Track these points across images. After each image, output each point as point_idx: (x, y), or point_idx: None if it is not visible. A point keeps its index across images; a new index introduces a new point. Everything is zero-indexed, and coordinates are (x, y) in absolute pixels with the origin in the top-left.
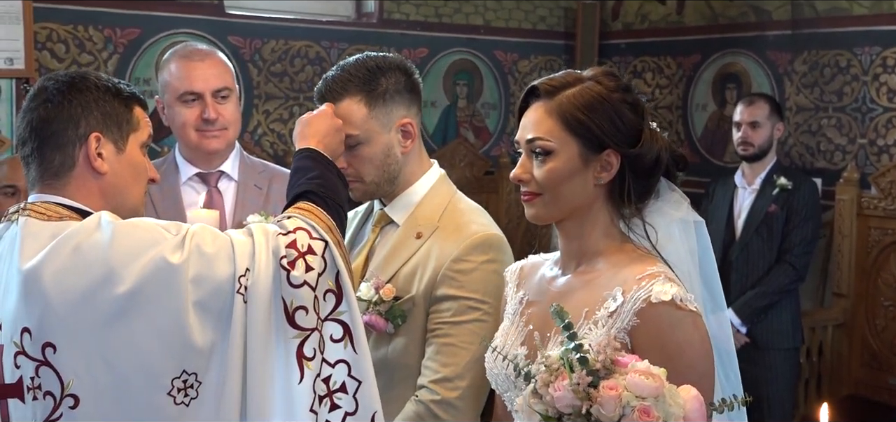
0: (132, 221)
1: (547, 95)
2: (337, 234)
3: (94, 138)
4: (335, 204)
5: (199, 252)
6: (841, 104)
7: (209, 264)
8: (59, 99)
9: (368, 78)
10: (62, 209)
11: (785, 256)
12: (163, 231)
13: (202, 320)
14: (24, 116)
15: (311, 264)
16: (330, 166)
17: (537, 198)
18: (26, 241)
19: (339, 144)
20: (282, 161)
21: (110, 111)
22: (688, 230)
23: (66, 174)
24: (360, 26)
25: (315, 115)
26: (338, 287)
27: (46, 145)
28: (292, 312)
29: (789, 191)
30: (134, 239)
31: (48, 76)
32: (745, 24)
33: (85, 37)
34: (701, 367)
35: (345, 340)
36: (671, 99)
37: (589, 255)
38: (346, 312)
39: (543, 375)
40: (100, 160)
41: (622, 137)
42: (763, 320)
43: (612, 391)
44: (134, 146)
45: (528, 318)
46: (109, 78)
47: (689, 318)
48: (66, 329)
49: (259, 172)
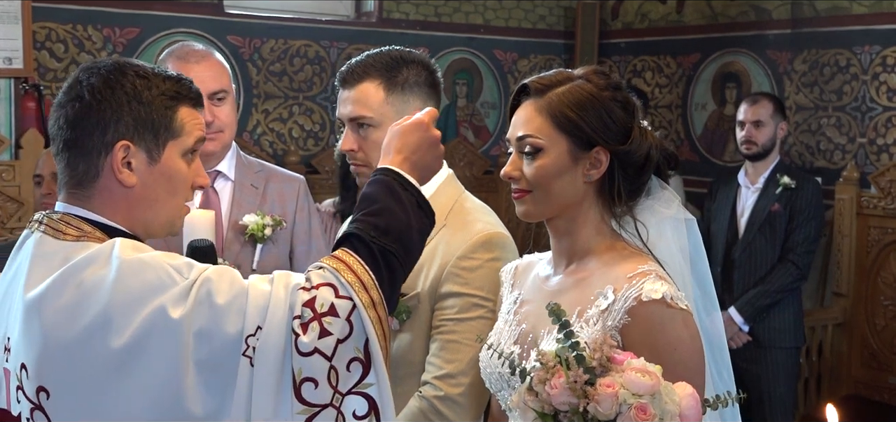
0: (142, 258)
1: (537, 93)
2: (375, 292)
3: (122, 147)
4: (387, 252)
5: (209, 303)
6: (841, 103)
7: (217, 318)
8: (89, 98)
9: (390, 65)
10: (85, 225)
11: (788, 254)
12: (172, 273)
13: (202, 384)
14: (55, 110)
15: (329, 329)
16: (403, 197)
17: (527, 195)
18: (36, 263)
19: (433, 160)
20: (281, 161)
21: (145, 116)
22: (679, 228)
23: (91, 184)
24: (360, 25)
25: (409, 123)
26: (366, 355)
27: (72, 149)
28: (299, 383)
29: (792, 190)
30: (138, 283)
31: (85, 67)
32: (744, 23)
33: (84, 36)
34: (692, 364)
35: (369, 418)
36: (671, 98)
37: (580, 253)
38: (374, 386)
39: (539, 372)
40: (126, 171)
41: (612, 135)
42: (765, 319)
43: (609, 389)
44: (172, 155)
45: (523, 317)
46: (157, 70)
47: (680, 316)
48: (59, 375)
49: (255, 171)
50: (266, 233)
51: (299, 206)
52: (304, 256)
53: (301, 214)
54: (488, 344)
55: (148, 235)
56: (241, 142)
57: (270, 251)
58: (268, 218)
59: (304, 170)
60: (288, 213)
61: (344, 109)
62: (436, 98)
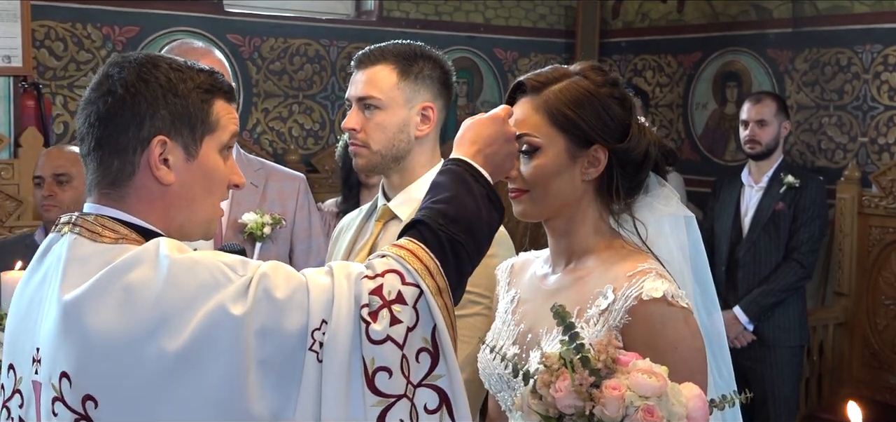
0: (193, 256)
1: (533, 91)
2: (441, 279)
3: (159, 143)
4: (455, 241)
5: (268, 298)
6: (842, 102)
7: (279, 314)
8: (122, 92)
9: (407, 55)
10: (120, 226)
11: (792, 253)
12: (226, 271)
13: (264, 382)
14: (83, 107)
15: (399, 316)
16: (474, 188)
17: (525, 194)
18: (71, 265)
19: (507, 157)
20: (281, 159)
21: (181, 109)
22: (678, 226)
23: (126, 183)
24: (360, 24)
25: (484, 118)
26: (433, 345)
27: (104, 147)
28: (372, 373)
29: (797, 189)
30: (193, 282)
31: (115, 61)
32: (745, 22)
33: (83, 35)
34: (693, 363)
35: (441, 412)
36: (671, 97)
37: (578, 252)
38: (444, 377)
39: (543, 374)
40: (164, 169)
41: (610, 132)
42: (770, 318)
43: (616, 391)
44: (209, 151)
45: (521, 317)
46: (189, 63)
47: (681, 314)
48: (108, 382)
49: (255, 169)
50: (265, 231)
51: (299, 204)
52: (304, 255)
53: (301, 213)
54: (491, 346)
55: (183, 237)
56: (240, 140)
57: (269, 250)
58: (267, 216)
59: (303, 169)
60: (288, 211)
61: (353, 90)
62: (446, 97)
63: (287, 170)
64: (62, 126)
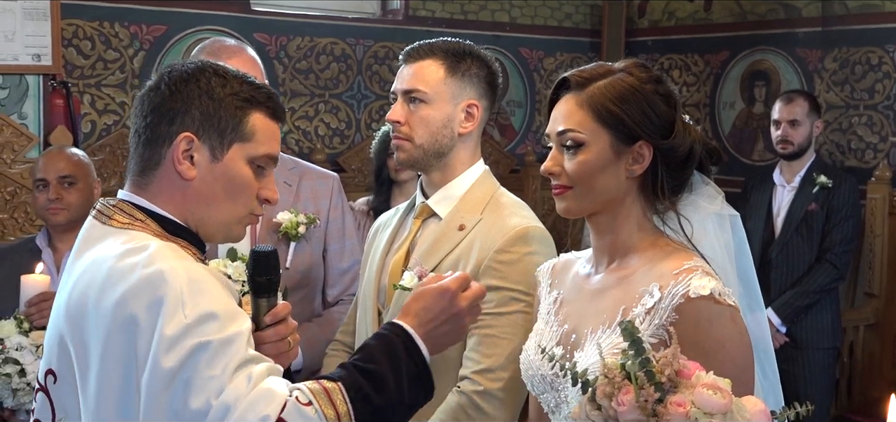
0: (162, 269)
1: (578, 87)
2: None
3: (185, 139)
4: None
5: None
6: (872, 102)
7: None
8: (166, 90)
9: (456, 52)
10: (138, 212)
11: (826, 254)
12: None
13: None
14: (137, 101)
15: None
16: (404, 367)
17: (568, 191)
18: (81, 245)
19: (449, 334)
20: (307, 158)
21: (213, 112)
22: (723, 224)
23: (152, 173)
24: (386, 23)
25: (435, 290)
26: None
27: (142, 137)
28: None
29: (829, 189)
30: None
31: (173, 64)
32: (774, 21)
33: (111, 33)
34: (741, 361)
35: None
36: (699, 97)
37: (622, 250)
38: None
39: (604, 385)
40: (187, 164)
41: (655, 129)
42: (803, 319)
43: (680, 408)
44: (236, 157)
45: (564, 317)
46: (239, 73)
47: (728, 312)
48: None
49: (289, 168)
50: (300, 231)
51: (333, 203)
52: (338, 255)
53: (335, 212)
54: (541, 347)
55: (203, 233)
56: None
57: (304, 250)
58: (302, 216)
59: (330, 168)
60: (321, 210)
61: (400, 83)
62: (491, 97)
63: (320, 169)
64: (90, 125)
